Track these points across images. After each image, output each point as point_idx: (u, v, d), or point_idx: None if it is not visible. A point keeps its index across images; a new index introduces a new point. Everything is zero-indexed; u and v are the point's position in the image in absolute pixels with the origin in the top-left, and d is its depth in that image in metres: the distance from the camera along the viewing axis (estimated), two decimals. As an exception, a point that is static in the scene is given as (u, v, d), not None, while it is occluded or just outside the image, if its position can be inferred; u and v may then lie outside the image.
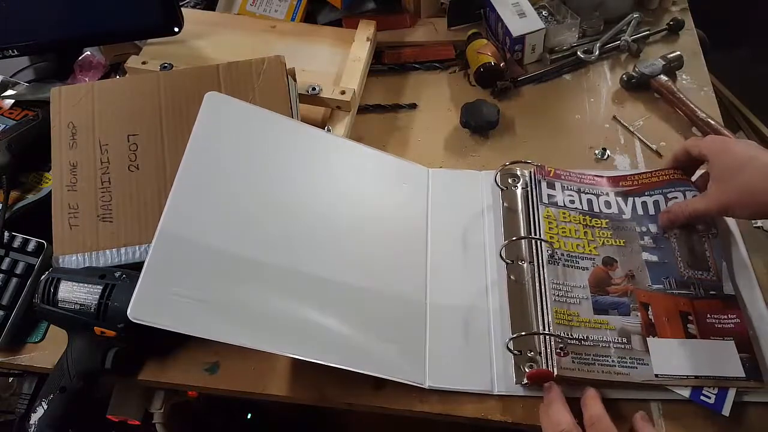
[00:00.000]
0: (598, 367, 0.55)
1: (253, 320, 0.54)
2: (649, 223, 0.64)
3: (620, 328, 0.58)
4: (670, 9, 0.90)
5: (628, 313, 0.58)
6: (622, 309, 0.59)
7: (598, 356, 0.56)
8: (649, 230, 0.64)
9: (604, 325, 0.58)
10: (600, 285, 0.60)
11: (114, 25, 0.82)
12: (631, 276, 0.61)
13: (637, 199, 0.66)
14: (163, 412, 0.73)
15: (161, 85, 0.69)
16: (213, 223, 0.57)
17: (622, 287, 0.60)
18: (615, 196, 0.67)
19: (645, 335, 0.57)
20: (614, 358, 0.56)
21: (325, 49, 0.84)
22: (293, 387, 0.60)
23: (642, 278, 0.61)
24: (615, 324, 0.58)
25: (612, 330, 0.57)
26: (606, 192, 0.68)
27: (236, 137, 0.62)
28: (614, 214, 0.66)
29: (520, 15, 0.82)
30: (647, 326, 0.57)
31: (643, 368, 0.55)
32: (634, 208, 0.66)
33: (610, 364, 0.55)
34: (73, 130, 0.68)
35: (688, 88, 0.79)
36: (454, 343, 0.60)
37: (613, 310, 0.59)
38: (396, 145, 0.79)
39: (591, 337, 0.57)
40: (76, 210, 0.66)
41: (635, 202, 0.66)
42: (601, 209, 0.66)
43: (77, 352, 0.60)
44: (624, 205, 0.66)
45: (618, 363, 0.55)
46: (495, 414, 0.56)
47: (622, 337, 0.57)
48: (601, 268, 0.62)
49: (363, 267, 0.61)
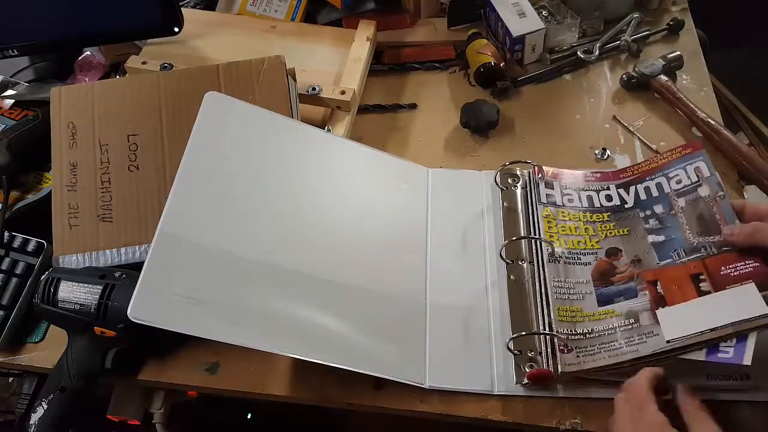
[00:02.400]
0: (604, 353, 0.54)
1: (253, 320, 0.54)
2: (653, 205, 0.63)
3: (627, 311, 0.56)
4: (670, 9, 0.90)
5: (635, 295, 0.57)
6: (628, 294, 0.58)
7: (603, 344, 0.55)
8: (654, 212, 0.62)
9: (610, 314, 0.57)
10: (604, 276, 0.60)
11: (114, 25, 0.82)
12: (638, 260, 0.60)
13: (639, 185, 0.65)
14: (163, 412, 0.73)
15: (161, 85, 0.69)
16: (213, 223, 0.57)
17: (627, 273, 0.59)
18: (616, 188, 0.66)
19: (654, 309, 0.55)
20: (621, 341, 0.54)
21: (325, 49, 0.84)
22: (293, 387, 0.60)
23: (649, 259, 0.59)
24: (621, 310, 0.57)
25: (618, 316, 0.56)
26: (606, 186, 0.67)
27: (236, 137, 0.62)
28: (616, 205, 0.65)
29: (520, 15, 0.82)
30: (656, 300, 0.56)
31: (653, 339, 0.53)
32: (637, 195, 0.65)
33: (616, 347, 0.54)
34: (73, 130, 0.68)
35: (688, 88, 0.79)
36: (454, 343, 0.60)
37: (619, 297, 0.58)
38: (396, 145, 0.79)
39: (596, 329, 0.56)
40: (76, 210, 0.66)
41: (637, 190, 0.65)
42: (602, 203, 0.66)
43: (77, 352, 0.60)
44: (626, 195, 0.65)
45: (625, 344, 0.54)
46: (495, 414, 0.56)
47: (629, 319, 0.55)
48: (604, 260, 0.61)
49: (363, 267, 0.61)
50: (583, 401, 0.56)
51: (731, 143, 0.71)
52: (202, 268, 0.55)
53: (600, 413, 0.55)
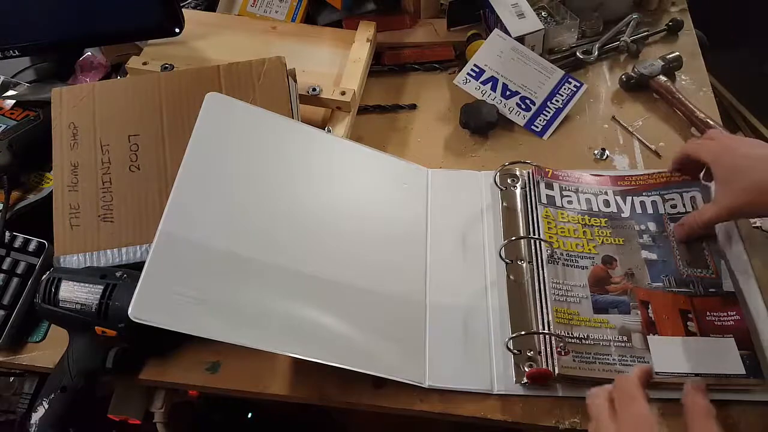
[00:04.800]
0: (599, 365, 0.55)
1: (253, 320, 0.54)
2: (647, 222, 0.65)
3: (620, 326, 0.58)
4: (669, 10, 0.90)
5: (628, 312, 0.59)
6: (622, 307, 0.59)
7: (598, 355, 0.56)
8: (648, 228, 0.64)
9: (604, 323, 0.58)
10: (599, 284, 0.61)
11: (115, 26, 0.82)
12: (631, 274, 0.61)
13: (635, 198, 0.67)
14: (163, 411, 0.73)
15: (162, 85, 0.69)
16: (214, 223, 0.57)
17: (621, 285, 0.60)
18: (614, 195, 0.67)
19: (645, 333, 0.57)
20: (615, 357, 0.56)
21: (325, 49, 0.84)
22: (294, 386, 0.60)
23: (641, 276, 0.61)
24: (615, 323, 0.58)
25: (612, 329, 0.58)
26: (605, 191, 0.68)
27: (236, 138, 0.63)
28: (613, 212, 0.66)
29: (519, 16, 0.82)
30: (647, 324, 0.58)
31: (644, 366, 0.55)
32: (633, 207, 0.66)
33: (610, 362, 0.56)
34: (74, 130, 0.69)
35: (687, 89, 0.79)
36: (454, 343, 0.60)
37: (613, 309, 0.59)
38: (396, 146, 0.79)
39: (591, 336, 0.57)
40: (77, 210, 0.66)
41: (634, 201, 0.66)
42: (600, 208, 0.66)
43: (78, 352, 0.60)
44: (623, 204, 0.66)
45: (618, 361, 0.56)
46: (495, 413, 0.56)
47: (623, 336, 0.57)
48: (600, 267, 0.62)
49: (363, 267, 0.61)
50: (582, 401, 0.55)
51: (730, 143, 0.71)
52: (203, 267, 0.55)
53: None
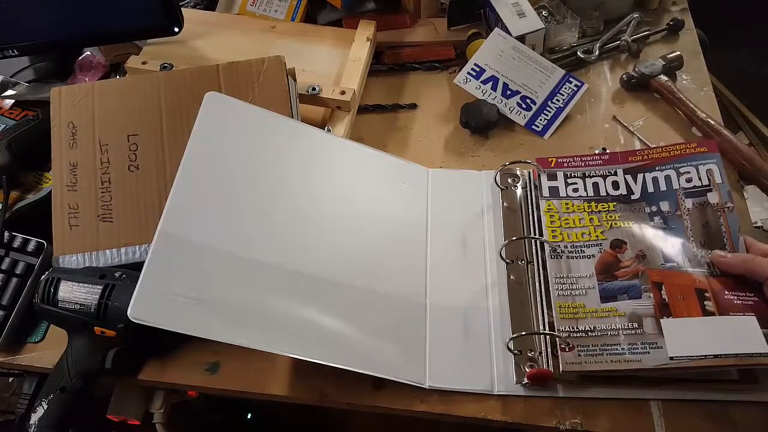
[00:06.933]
0: (606, 356, 0.53)
1: (253, 320, 0.54)
2: (659, 201, 0.62)
3: (630, 312, 0.55)
4: (670, 9, 0.90)
5: (639, 296, 0.56)
6: (632, 292, 0.57)
7: (606, 346, 0.54)
8: (660, 209, 0.62)
9: (613, 312, 0.56)
10: (608, 270, 0.59)
11: (114, 25, 0.82)
12: (642, 256, 0.59)
13: (647, 174, 0.64)
14: (163, 412, 0.73)
15: (161, 85, 0.69)
16: (213, 223, 0.57)
17: (632, 269, 0.58)
18: (624, 174, 0.65)
19: (658, 317, 0.54)
20: (624, 346, 0.54)
21: (325, 49, 0.84)
22: (293, 387, 0.60)
23: (654, 257, 0.58)
24: (624, 309, 0.56)
25: (621, 316, 0.55)
26: (614, 171, 0.66)
27: (236, 137, 0.62)
28: (622, 195, 0.64)
29: (519, 15, 0.82)
30: (660, 307, 0.55)
31: (657, 352, 0.53)
32: (644, 184, 0.64)
33: (619, 352, 0.53)
34: (73, 130, 0.68)
35: (687, 88, 0.79)
36: (454, 343, 0.60)
37: (623, 295, 0.57)
38: (396, 145, 0.79)
39: (598, 327, 0.55)
40: (76, 210, 0.66)
41: (645, 178, 0.64)
42: (608, 191, 0.64)
43: (77, 352, 0.60)
44: (633, 183, 0.64)
45: (628, 350, 0.53)
46: (495, 414, 0.56)
47: (633, 322, 0.55)
48: (609, 252, 0.60)
49: (363, 267, 0.61)
50: (583, 401, 0.56)
51: (731, 143, 0.71)
52: (203, 268, 0.55)
53: (600, 413, 0.55)
